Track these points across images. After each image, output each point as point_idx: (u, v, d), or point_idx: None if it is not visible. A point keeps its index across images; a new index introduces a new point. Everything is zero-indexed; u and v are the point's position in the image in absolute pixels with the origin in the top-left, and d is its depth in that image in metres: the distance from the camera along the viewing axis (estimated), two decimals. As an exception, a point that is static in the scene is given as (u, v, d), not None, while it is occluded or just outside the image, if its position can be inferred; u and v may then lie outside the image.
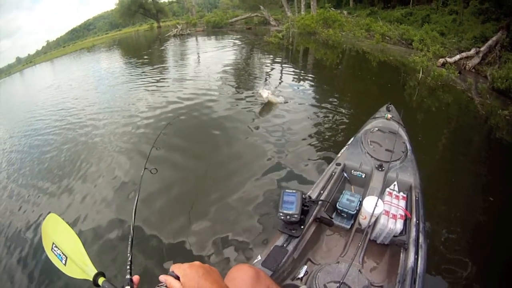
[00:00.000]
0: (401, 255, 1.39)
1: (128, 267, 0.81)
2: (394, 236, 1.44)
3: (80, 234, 2.44)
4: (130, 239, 0.93)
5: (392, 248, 1.48)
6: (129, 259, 0.85)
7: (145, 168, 1.47)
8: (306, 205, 1.49)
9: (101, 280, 0.83)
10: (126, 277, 0.77)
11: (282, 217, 1.44)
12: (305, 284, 1.32)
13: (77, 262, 0.91)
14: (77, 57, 22.94)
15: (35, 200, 3.40)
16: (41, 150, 5.05)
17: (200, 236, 2.23)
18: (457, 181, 2.56)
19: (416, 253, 1.32)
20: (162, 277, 0.70)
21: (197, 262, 0.73)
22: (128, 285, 0.73)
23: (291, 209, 1.43)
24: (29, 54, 50.19)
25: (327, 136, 3.38)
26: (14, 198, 3.67)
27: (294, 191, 1.48)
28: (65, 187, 3.47)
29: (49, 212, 2.46)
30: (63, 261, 0.95)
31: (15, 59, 50.21)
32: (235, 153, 3.29)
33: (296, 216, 1.41)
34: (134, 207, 1.16)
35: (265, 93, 4.24)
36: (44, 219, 1.12)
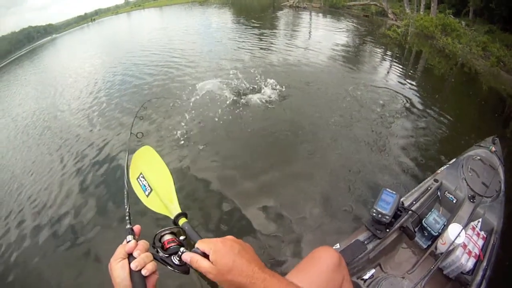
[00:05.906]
0: None
1: (127, 217, 0.79)
2: (461, 273, 1.41)
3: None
4: (125, 192, 0.90)
5: (453, 284, 1.45)
6: (127, 210, 0.83)
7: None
8: (399, 210, 1.46)
9: (182, 221, 0.81)
10: (126, 227, 0.73)
11: (374, 214, 1.41)
12: (368, 287, 1.33)
13: (162, 197, 0.89)
14: (188, 8, 24.48)
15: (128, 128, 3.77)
16: (153, 78, 5.55)
17: (281, 210, 2.32)
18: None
19: None
20: (187, 256, 0.61)
21: (230, 237, 0.65)
22: (130, 234, 0.69)
23: (386, 209, 1.39)
24: (138, -2, 53.41)
25: (424, 146, 3.40)
26: (110, 118, 4.06)
27: (394, 192, 1.44)
28: (169, 122, 3.71)
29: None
30: (147, 193, 0.93)
31: (124, 1, 54.28)
32: (333, 139, 3.44)
33: (387, 217, 1.38)
34: (126, 163, 1.11)
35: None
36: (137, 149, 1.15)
